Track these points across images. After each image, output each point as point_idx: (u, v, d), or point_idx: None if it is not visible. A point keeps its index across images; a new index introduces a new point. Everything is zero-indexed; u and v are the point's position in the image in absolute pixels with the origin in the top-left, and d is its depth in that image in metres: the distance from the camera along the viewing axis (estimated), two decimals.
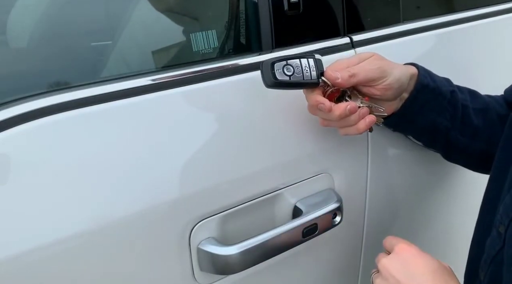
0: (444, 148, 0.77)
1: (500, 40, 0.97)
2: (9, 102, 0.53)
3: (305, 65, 0.62)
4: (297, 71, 0.61)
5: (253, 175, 0.66)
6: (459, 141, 0.73)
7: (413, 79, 0.69)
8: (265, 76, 0.61)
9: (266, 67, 0.60)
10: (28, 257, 0.51)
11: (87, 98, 0.56)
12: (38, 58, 0.75)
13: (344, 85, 0.64)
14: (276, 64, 0.60)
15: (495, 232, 0.61)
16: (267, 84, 0.61)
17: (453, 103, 0.72)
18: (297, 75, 0.61)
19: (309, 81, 0.62)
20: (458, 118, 0.72)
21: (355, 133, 0.65)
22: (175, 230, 0.61)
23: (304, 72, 0.62)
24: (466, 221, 0.74)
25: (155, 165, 0.59)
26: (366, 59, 0.66)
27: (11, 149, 0.51)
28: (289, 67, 0.61)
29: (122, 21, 0.76)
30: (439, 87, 0.71)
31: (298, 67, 0.61)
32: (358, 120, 0.64)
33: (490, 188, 0.70)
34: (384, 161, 0.81)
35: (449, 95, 0.72)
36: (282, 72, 0.60)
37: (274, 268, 0.70)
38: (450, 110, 0.72)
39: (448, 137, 0.73)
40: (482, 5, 0.96)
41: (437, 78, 0.72)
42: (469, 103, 0.74)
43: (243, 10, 0.72)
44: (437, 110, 0.71)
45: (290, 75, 0.61)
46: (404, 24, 0.83)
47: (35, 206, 0.52)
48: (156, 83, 0.60)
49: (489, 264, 0.61)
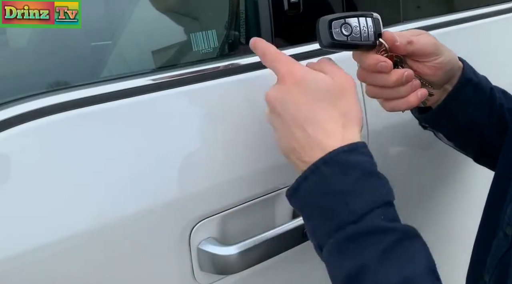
0: (476, 148, 0.75)
1: (500, 40, 0.97)
2: (9, 102, 0.53)
3: (363, 24, 0.58)
4: (355, 31, 0.58)
5: (253, 175, 0.66)
6: (492, 140, 0.72)
7: (459, 71, 0.68)
8: (321, 35, 0.57)
9: (323, 25, 0.57)
10: (28, 257, 0.51)
11: (87, 98, 0.56)
12: (38, 58, 0.75)
13: (401, 51, 0.62)
14: (334, 22, 0.57)
15: (501, 233, 0.60)
16: (323, 44, 0.58)
17: (492, 101, 0.71)
18: (355, 35, 0.58)
19: (366, 42, 0.59)
20: (496, 116, 0.71)
21: (404, 106, 0.63)
22: (175, 230, 0.61)
23: (362, 32, 0.58)
24: (468, 220, 0.74)
25: (155, 165, 0.59)
26: (420, 34, 0.64)
27: (11, 149, 0.51)
28: (347, 26, 0.57)
29: (122, 21, 0.76)
30: (480, 83, 0.70)
31: (357, 26, 0.58)
32: (409, 92, 0.62)
33: (494, 189, 0.69)
34: (384, 160, 0.81)
35: (489, 91, 0.71)
36: (340, 31, 0.57)
37: (274, 268, 0.70)
38: (488, 107, 0.71)
39: (483, 135, 0.72)
40: (482, 5, 0.96)
41: (479, 74, 0.71)
42: (504, 102, 0.73)
43: (243, 10, 0.72)
44: (477, 106, 0.70)
45: (348, 35, 0.57)
46: (404, 24, 0.83)
47: (35, 206, 0.52)
48: (156, 83, 0.60)
49: (495, 266, 0.61)
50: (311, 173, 0.52)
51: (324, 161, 0.51)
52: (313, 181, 0.52)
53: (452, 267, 0.64)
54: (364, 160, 0.52)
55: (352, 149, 0.52)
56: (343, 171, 0.51)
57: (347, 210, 0.49)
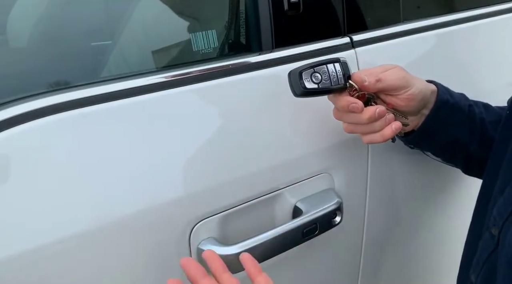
0: (464, 163, 0.77)
1: (500, 40, 0.97)
2: (9, 102, 0.53)
3: (332, 70, 0.62)
4: (324, 78, 0.61)
5: (253, 175, 0.66)
6: (478, 154, 0.74)
7: (433, 96, 0.70)
8: (293, 85, 0.61)
9: (294, 77, 0.60)
10: (28, 257, 0.51)
11: (87, 98, 0.56)
12: (38, 58, 0.75)
13: (371, 89, 0.64)
14: (303, 72, 0.60)
15: (487, 234, 0.61)
16: (296, 93, 0.61)
17: (471, 118, 0.73)
18: (325, 82, 0.61)
19: (337, 86, 0.62)
20: (477, 132, 0.73)
21: (380, 140, 0.65)
22: (175, 230, 0.61)
23: (332, 77, 0.62)
24: (465, 223, 0.74)
25: (155, 165, 0.59)
26: (389, 69, 0.66)
27: (11, 149, 0.51)
28: (317, 74, 0.61)
29: (122, 21, 0.76)
30: (457, 103, 0.72)
31: (325, 73, 0.61)
32: (384, 126, 0.64)
33: (482, 193, 0.70)
34: (384, 161, 0.81)
35: (467, 109, 0.72)
36: (310, 80, 0.60)
37: (274, 268, 0.70)
38: (469, 124, 0.73)
39: (468, 151, 0.74)
40: (482, 5, 0.96)
41: (455, 94, 0.73)
42: (485, 116, 0.74)
43: (243, 10, 0.72)
44: (457, 125, 0.72)
45: (318, 83, 0.61)
46: (404, 24, 0.83)
47: (35, 206, 0.52)
48: (156, 83, 0.60)
49: (481, 265, 0.61)
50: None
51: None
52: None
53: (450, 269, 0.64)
54: None
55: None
56: None
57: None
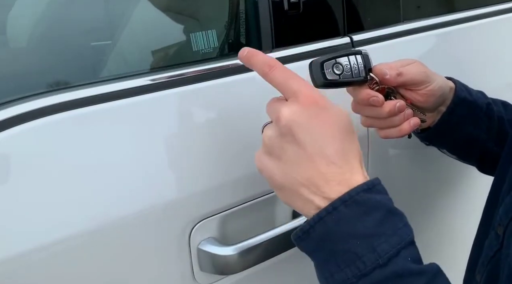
0: (479, 161, 0.77)
1: (500, 40, 0.97)
2: (9, 102, 0.53)
3: (354, 62, 0.61)
4: (346, 69, 0.61)
5: (253, 175, 0.66)
6: (495, 153, 0.73)
7: (451, 93, 0.70)
8: (315, 76, 0.60)
9: (316, 67, 0.60)
10: (28, 257, 0.51)
11: (87, 98, 0.56)
12: (38, 58, 0.75)
13: (392, 83, 0.64)
14: (325, 63, 0.60)
15: (493, 233, 0.61)
16: (317, 84, 0.60)
17: (489, 115, 0.73)
18: (346, 73, 0.61)
19: (358, 78, 0.62)
20: (494, 130, 0.73)
21: (397, 135, 0.65)
22: (175, 230, 0.61)
23: (353, 69, 0.61)
24: (467, 222, 0.74)
25: (155, 165, 0.59)
26: (410, 64, 0.66)
27: (11, 149, 0.51)
28: (339, 65, 0.60)
29: (122, 21, 0.76)
30: (475, 100, 0.72)
31: (347, 65, 0.61)
32: (402, 121, 0.64)
33: (492, 192, 0.70)
34: (384, 161, 0.81)
35: (485, 107, 0.72)
36: (332, 71, 0.60)
37: (274, 268, 0.70)
38: (486, 122, 0.72)
39: (484, 149, 0.74)
40: (482, 5, 0.96)
41: (473, 91, 0.73)
42: (503, 114, 0.74)
43: (243, 10, 0.72)
44: (474, 123, 0.72)
45: (339, 74, 0.60)
46: (404, 24, 0.84)
47: (35, 206, 0.52)
48: (156, 83, 0.60)
49: (486, 265, 0.61)
50: (328, 213, 0.46)
51: (342, 201, 0.46)
52: (331, 223, 0.46)
53: (453, 269, 0.64)
54: (383, 198, 0.48)
55: (371, 187, 0.48)
56: (366, 211, 0.46)
57: (374, 254, 0.45)
